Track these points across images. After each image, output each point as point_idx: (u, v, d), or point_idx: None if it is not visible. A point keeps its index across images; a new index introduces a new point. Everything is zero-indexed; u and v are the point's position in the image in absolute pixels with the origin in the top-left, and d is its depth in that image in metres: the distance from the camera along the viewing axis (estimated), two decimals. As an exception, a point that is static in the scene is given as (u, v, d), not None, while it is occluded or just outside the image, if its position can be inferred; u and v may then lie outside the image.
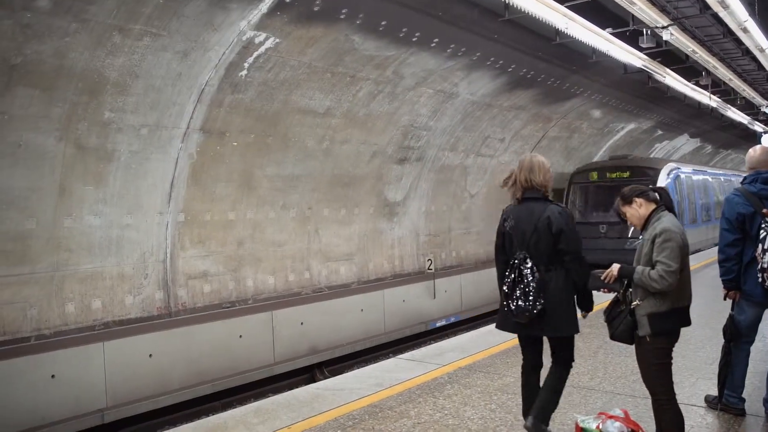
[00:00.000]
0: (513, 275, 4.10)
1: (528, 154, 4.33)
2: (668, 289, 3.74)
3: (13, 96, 7.11)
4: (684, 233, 3.90)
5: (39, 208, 7.77)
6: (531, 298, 4.00)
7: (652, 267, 3.79)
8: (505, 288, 4.15)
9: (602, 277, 4.05)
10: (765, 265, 4.42)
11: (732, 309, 4.87)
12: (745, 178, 4.94)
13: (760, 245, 4.48)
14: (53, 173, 7.79)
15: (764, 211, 4.57)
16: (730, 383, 4.83)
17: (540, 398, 4.30)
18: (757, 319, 4.82)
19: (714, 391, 5.02)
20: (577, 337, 4.59)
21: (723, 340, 4.89)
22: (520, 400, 5.21)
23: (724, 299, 4.95)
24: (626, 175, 16.19)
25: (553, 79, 14.51)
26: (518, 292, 4.05)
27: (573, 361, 4.33)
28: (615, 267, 3.99)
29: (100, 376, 8.08)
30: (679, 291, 3.83)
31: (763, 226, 4.51)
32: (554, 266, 4.11)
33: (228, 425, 4.82)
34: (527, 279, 4.04)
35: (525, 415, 4.40)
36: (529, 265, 4.06)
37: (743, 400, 4.84)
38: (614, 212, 4.27)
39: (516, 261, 4.13)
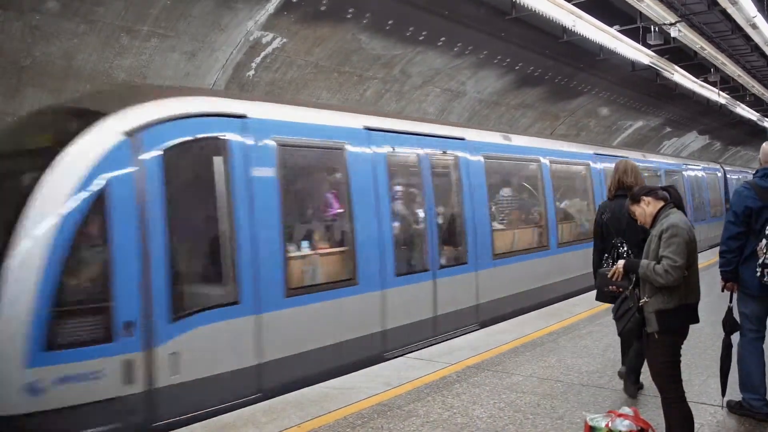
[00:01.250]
0: (611, 256, 4.97)
1: (623, 160, 5.34)
2: (673, 284, 3.74)
3: (22, 97, 7.16)
4: (692, 230, 3.89)
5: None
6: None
7: (658, 262, 3.79)
8: (605, 267, 4.90)
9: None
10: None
11: (730, 301, 4.84)
12: (757, 171, 4.89)
13: (764, 240, 4.43)
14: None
15: None
16: (749, 385, 4.71)
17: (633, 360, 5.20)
18: (763, 312, 4.74)
19: (731, 396, 4.93)
20: (585, 335, 4.59)
21: (736, 335, 4.85)
22: (529, 398, 5.24)
23: (722, 291, 4.91)
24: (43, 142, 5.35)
25: (561, 77, 14.47)
26: None
27: None
28: (621, 263, 4.05)
29: None
30: (686, 288, 3.82)
31: None
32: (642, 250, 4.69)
33: (237, 424, 4.83)
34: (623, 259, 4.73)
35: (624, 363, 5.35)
36: (624, 248, 4.93)
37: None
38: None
39: (614, 245, 5.03)
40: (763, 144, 4.96)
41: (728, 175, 22.10)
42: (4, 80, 6.92)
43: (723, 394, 4.78)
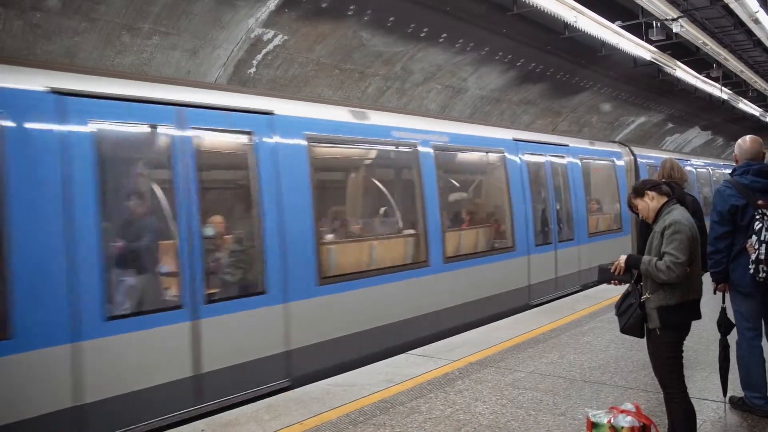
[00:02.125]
0: None
1: (668, 158, 5.73)
2: (675, 280, 3.73)
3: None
4: (694, 226, 3.88)
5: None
6: None
7: (660, 258, 3.78)
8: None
9: (611, 270, 4.06)
10: (762, 257, 4.35)
11: (723, 302, 4.81)
12: (735, 169, 4.83)
13: (754, 237, 4.42)
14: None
15: (760, 202, 4.49)
16: (750, 384, 4.69)
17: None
18: (758, 309, 4.73)
19: (733, 392, 4.93)
20: (588, 331, 4.58)
21: (734, 335, 4.83)
22: (531, 394, 5.24)
23: (714, 293, 4.87)
24: None
25: (563, 73, 14.44)
26: None
27: None
28: (622, 258, 4.04)
29: None
30: (688, 284, 3.82)
31: (757, 217, 4.45)
32: None
33: (240, 421, 4.85)
34: None
35: None
36: None
37: None
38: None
39: None
40: (739, 140, 4.90)
41: (641, 161, 14.25)
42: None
43: (724, 394, 4.77)
